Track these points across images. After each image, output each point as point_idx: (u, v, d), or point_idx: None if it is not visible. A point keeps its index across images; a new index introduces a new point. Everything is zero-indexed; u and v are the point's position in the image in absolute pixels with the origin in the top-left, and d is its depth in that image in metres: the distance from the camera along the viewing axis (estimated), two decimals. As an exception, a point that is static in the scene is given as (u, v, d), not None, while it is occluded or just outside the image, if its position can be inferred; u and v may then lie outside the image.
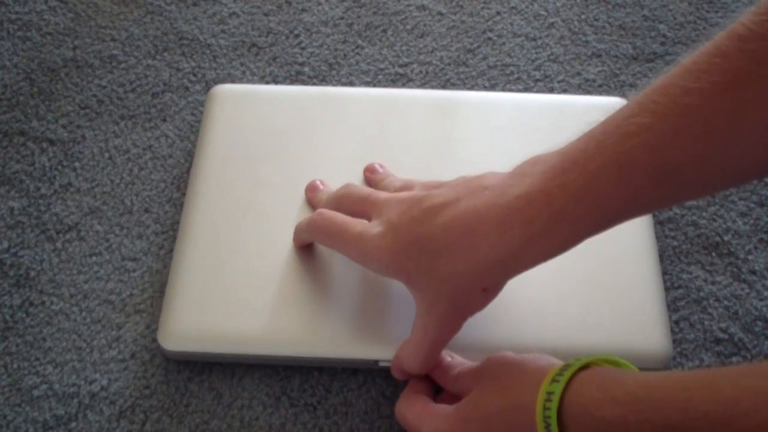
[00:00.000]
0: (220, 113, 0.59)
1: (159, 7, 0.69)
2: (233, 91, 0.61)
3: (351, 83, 0.65)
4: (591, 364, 0.40)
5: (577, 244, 0.42)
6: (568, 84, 0.65)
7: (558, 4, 0.70)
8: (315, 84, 0.65)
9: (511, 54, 0.67)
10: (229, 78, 0.65)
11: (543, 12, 0.69)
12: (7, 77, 0.65)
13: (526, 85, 0.65)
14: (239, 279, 0.52)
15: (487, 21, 0.69)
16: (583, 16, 0.69)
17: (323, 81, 0.65)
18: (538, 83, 0.65)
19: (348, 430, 0.50)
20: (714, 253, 0.56)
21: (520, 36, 0.68)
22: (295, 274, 0.52)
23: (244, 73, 0.65)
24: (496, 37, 0.68)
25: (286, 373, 0.51)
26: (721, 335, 0.53)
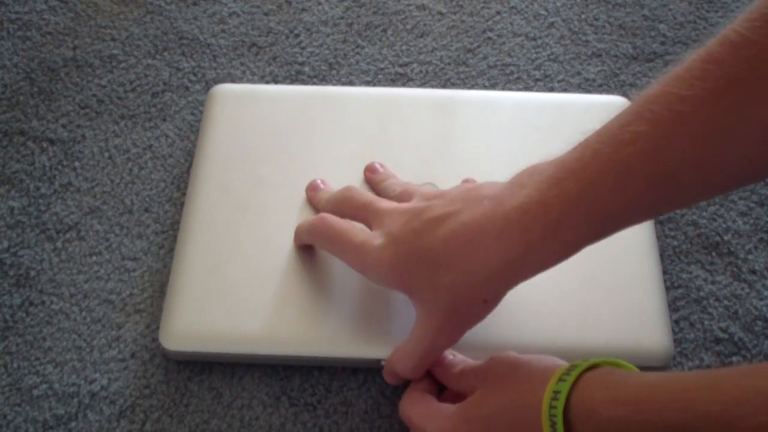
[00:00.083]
0: (220, 113, 0.59)
1: (159, 6, 0.69)
2: (233, 91, 0.61)
3: (351, 83, 0.65)
4: (597, 366, 0.40)
5: (575, 252, 0.42)
6: (568, 84, 0.65)
7: (558, 4, 0.70)
8: (315, 84, 0.65)
9: (511, 54, 0.67)
10: (229, 78, 0.65)
11: (543, 12, 0.69)
12: (7, 77, 0.65)
13: (526, 85, 0.65)
14: (240, 279, 0.52)
15: (487, 21, 0.69)
16: (583, 15, 0.69)
17: (323, 81, 0.65)
18: (538, 83, 0.65)
19: (348, 430, 0.50)
20: (714, 253, 0.56)
21: (520, 36, 0.68)
22: (296, 274, 0.52)
23: (244, 72, 0.65)
24: (496, 37, 0.68)
25: (286, 372, 0.51)
26: (721, 335, 0.53)
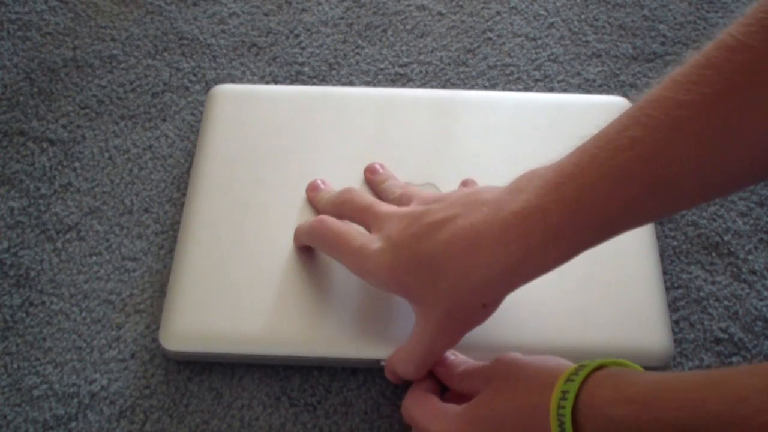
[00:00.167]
0: (220, 113, 0.59)
1: (159, 7, 0.69)
2: (233, 91, 0.61)
3: (351, 83, 0.65)
4: (604, 366, 0.40)
5: (574, 256, 0.42)
6: (568, 84, 0.65)
7: (558, 4, 0.70)
8: (315, 84, 0.65)
9: (511, 54, 0.67)
10: (229, 78, 0.65)
11: (543, 12, 0.69)
12: (7, 77, 0.65)
13: (526, 85, 0.65)
14: (240, 279, 0.52)
15: (487, 21, 0.69)
16: (583, 16, 0.69)
17: (323, 81, 0.65)
18: (538, 83, 0.65)
19: (348, 430, 0.50)
20: (714, 253, 0.56)
21: (520, 36, 0.68)
22: (297, 274, 0.52)
23: (244, 73, 0.65)
24: (496, 37, 0.68)
25: (286, 373, 0.51)
26: (721, 335, 0.53)
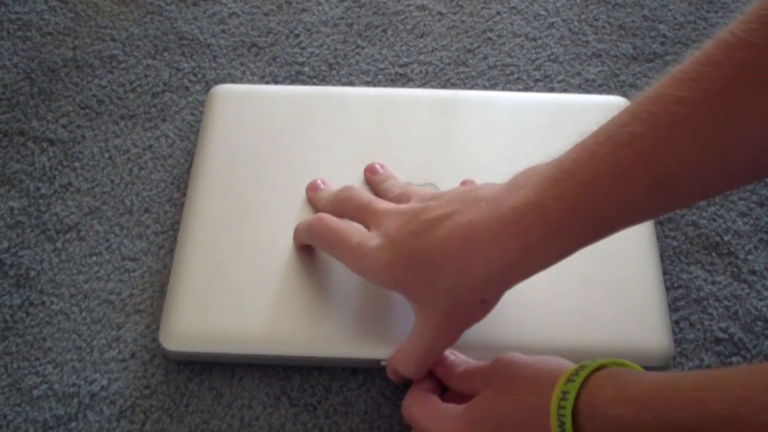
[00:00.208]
0: (220, 114, 0.59)
1: (159, 7, 0.69)
2: (233, 91, 0.61)
3: (351, 83, 0.65)
4: (605, 366, 0.40)
5: (573, 253, 0.42)
6: (568, 84, 0.65)
7: (558, 4, 0.70)
8: (315, 84, 0.65)
9: (511, 54, 0.67)
10: (229, 78, 0.65)
11: (543, 12, 0.69)
12: (7, 77, 0.65)
13: (526, 85, 0.65)
14: (241, 279, 0.52)
15: (487, 21, 0.69)
16: (583, 16, 0.69)
17: (323, 81, 0.65)
18: (538, 83, 0.65)
19: (348, 430, 0.50)
20: (714, 253, 0.56)
21: (520, 36, 0.68)
22: (297, 274, 0.52)
23: (244, 73, 0.65)
24: (496, 37, 0.68)
25: (286, 373, 0.51)
26: (721, 335, 0.53)
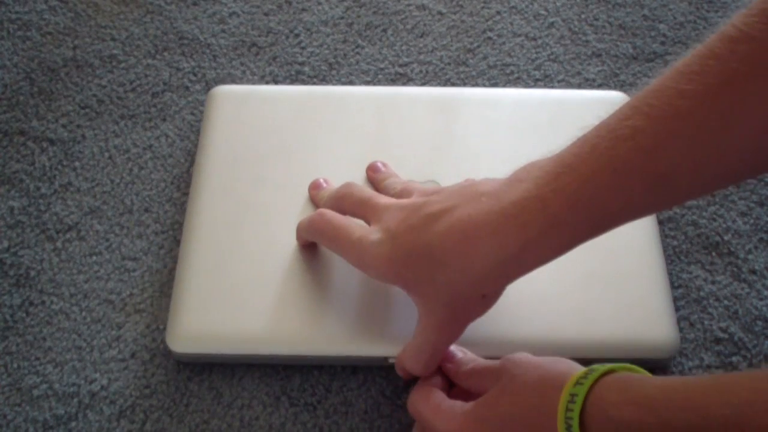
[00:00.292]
0: (220, 114, 0.59)
1: (159, 6, 0.69)
2: (233, 92, 0.61)
3: (351, 83, 0.65)
4: (613, 371, 0.40)
5: (573, 247, 0.42)
6: (568, 84, 0.65)
7: (558, 4, 0.70)
8: (315, 84, 0.65)
9: (511, 54, 0.67)
10: (229, 78, 0.65)
11: (543, 12, 0.69)
12: (7, 77, 0.65)
13: (526, 85, 0.65)
14: (247, 279, 0.52)
15: (487, 21, 0.69)
16: (583, 15, 0.69)
17: (323, 81, 0.65)
18: (538, 83, 0.65)
19: (348, 430, 0.50)
20: (714, 253, 0.56)
21: (520, 36, 0.68)
22: (303, 273, 0.52)
23: (244, 72, 0.65)
24: (496, 37, 0.68)
25: (286, 372, 0.51)
26: (721, 335, 0.53)
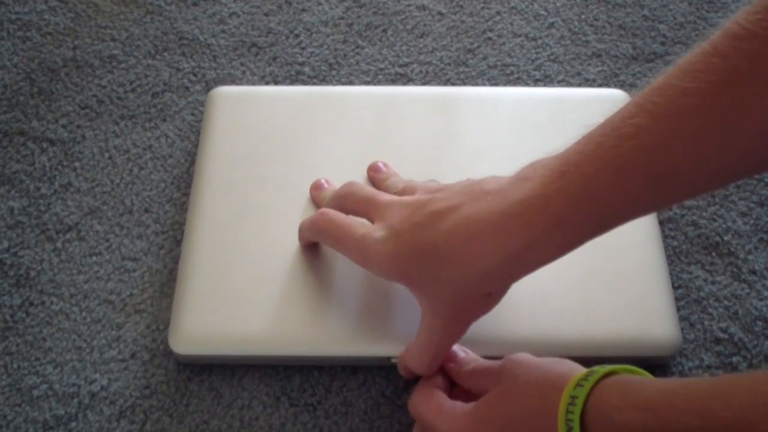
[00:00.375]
0: (220, 115, 0.59)
1: (159, 7, 0.69)
2: (232, 93, 0.61)
3: (351, 83, 0.65)
4: (614, 372, 0.40)
5: (578, 246, 0.42)
6: (568, 84, 0.65)
7: (558, 4, 0.70)
8: (315, 84, 0.65)
9: (511, 54, 0.67)
10: (229, 78, 0.65)
11: (543, 12, 0.69)
12: (7, 77, 0.65)
13: (526, 85, 0.65)
14: (248, 280, 0.52)
15: (487, 21, 0.69)
16: (583, 16, 0.69)
17: (323, 81, 0.65)
18: (538, 83, 0.65)
19: (348, 430, 0.50)
20: (714, 253, 0.56)
21: (520, 36, 0.68)
22: (304, 274, 0.52)
23: (244, 73, 0.65)
24: (496, 37, 0.68)
25: (286, 373, 0.51)
26: (721, 335, 0.53)
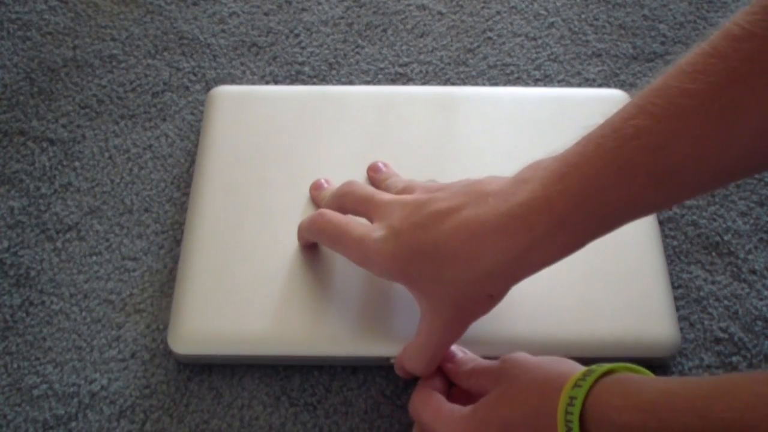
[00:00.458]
0: (220, 115, 0.59)
1: (159, 6, 0.69)
2: (232, 93, 0.61)
3: (351, 83, 0.65)
4: (613, 371, 0.40)
5: (580, 247, 0.42)
6: (568, 84, 0.65)
7: (558, 4, 0.70)
8: (315, 84, 0.65)
9: (511, 54, 0.67)
10: (229, 78, 0.65)
11: (543, 12, 0.69)
12: (7, 77, 0.65)
13: (526, 85, 0.65)
14: (248, 280, 0.52)
15: (487, 21, 0.69)
16: (583, 15, 0.69)
17: (323, 81, 0.65)
18: (538, 83, 0.65)
19: (348, 430, 0.50)
20: (714, 253, 0.56)
21: (520, 36, 0.68)
22: (304, 274, 0.52)
23: (244, 72, 0.65)
24: (496, 37, 0.68)
25: (286, 372, 0.51)
26: (721, 335, 0.53)
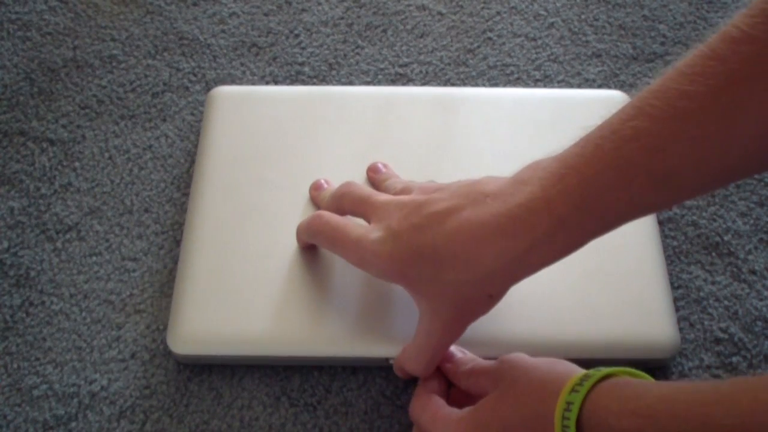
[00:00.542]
0: (220, 115, 0.59)
1: (159, 7, 0.69)
2: (232, 93, 0.61)
3: (351, 83, 0.65)
4: (611, 375, 0.40)
5: (579, 247, 0.42)
6: (568, 84, 0.65)
7: (558, 4, 0.70)
8: (315, 84, 0.65)
9: (511, 54, 0.67)
10: (229, 78, 0.65)
11: (543, 12, 0.69)
12: (7, 77, 0.65)
13: (526, 86, 0.65)
14: (248, 281, 0.52)
15: (487, 21, 0.69)
16: (583, 16, 0.69)
17: (323, 81, 0.65)
18: (538, 83, 0.65)
19: (348, 430, 0.50)
20: (714, 253, 0.56)
21: (520, 36, 0.68)
22: (303, 274, 0.52)
23: (244, 73, 0.65)
24: (496, 37, 0.68)
25: (286, 373, 0.51)
26: (721, 335, 0.53)
